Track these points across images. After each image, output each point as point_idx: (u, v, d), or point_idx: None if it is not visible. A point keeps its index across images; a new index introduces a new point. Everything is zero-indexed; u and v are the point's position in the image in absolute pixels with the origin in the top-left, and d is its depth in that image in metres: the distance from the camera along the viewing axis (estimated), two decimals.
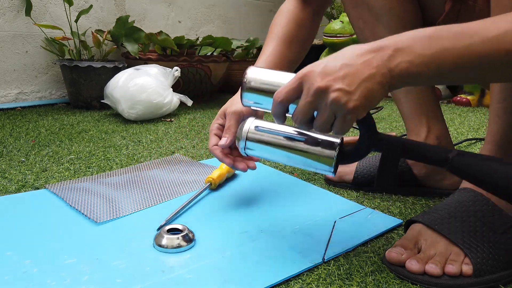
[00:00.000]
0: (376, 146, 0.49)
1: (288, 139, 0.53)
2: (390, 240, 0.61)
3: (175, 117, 1.50)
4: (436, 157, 0.46)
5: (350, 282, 0.50)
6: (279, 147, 0.53)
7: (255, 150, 0.55)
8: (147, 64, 1.56)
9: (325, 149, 0.51)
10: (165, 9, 2.05)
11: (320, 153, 0.51)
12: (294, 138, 0.52)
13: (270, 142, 0.54)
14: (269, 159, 0.55)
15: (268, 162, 0.98)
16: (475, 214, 0.53)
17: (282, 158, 0.54)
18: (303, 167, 0.53)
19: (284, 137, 0.53)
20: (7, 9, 1.56)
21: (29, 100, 1.67)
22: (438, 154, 0.46)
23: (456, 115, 1.67)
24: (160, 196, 0.74)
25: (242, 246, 0.57)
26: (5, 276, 0.48)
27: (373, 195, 0.78)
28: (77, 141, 1.12)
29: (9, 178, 0.82)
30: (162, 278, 0.49)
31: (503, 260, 0.50)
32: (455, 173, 0.46)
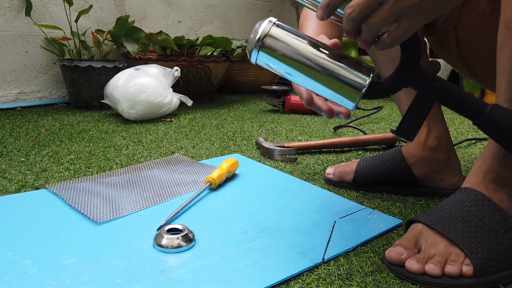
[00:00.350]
0: (415, 82, 0.44)
1: (318, 50, 0.44)
2: (390, 240, 0.61)
3: (175, 117, 1.50)
4: (475, 105, 0.44)
5: (350, 282, 0.50)
6: (304, 58, 0.44)
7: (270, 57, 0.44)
8: (147, 64, 1.56)
9: (359, 71, 0.44)
10: (165, 9, 2.05)
11: (353, 74, 0.44)
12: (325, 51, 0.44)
13: (294, 48, 0.44)
14: (282, 71, 0.46)
15: (268, 162, 0.98)
16: (476, 214, 0.53)
17: (302, 74, 0.45)
18: (324, 88, 0.45)
19: (313, 46, 0.44)
20: (7, 9, 1.56)
21: (29, 100, 1.67)
22: (477, 103, 0.44)
23: (456, 115, 1.67)
24: (160, 196, 0.74)
25: (242, 246, 0.57)
26: (5, 276, 0.48)
27: (373, 195, 0.78)
28: (77, 141, 1.12)
29: (9, 178, 0.82)
30: (162, 278, 0.49)
31: (503, 261, 0.50)
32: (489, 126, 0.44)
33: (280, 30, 0.44)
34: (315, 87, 0.46)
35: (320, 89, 0.46)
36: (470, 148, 1.16)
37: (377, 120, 1.54)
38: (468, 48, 0.69)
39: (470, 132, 1.34)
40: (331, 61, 0.44)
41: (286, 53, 0.44)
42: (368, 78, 0.44)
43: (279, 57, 0.44)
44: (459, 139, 1.22)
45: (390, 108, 1.84)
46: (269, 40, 0.44)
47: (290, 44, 0.44)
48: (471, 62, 0.71)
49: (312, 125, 1.43)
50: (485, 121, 0.44)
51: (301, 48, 0.44)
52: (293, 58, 0.44)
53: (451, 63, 0.77)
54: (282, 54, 0.44)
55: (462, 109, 0.44)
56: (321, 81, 0.45)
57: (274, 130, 1.34)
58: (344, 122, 1.48)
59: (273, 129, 1.34)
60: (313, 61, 0.44)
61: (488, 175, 0.55)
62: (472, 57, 0.70)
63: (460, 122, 1.52)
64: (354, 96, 0.44)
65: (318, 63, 0.44)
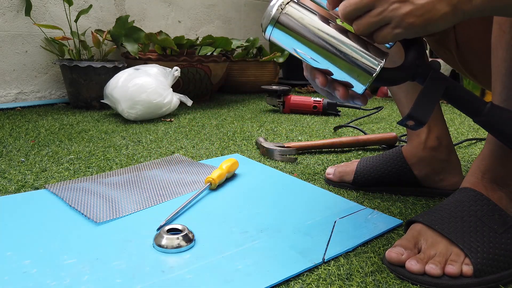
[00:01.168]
0: (423, 75, 0.45)
1: (334, 30, 0.44)
2: (390, 240, 0.61)
3: (175, 117, 1.50)
4: (474, 105, 0.45)
5: (350, 282, 0.50)
6: (318, 37, 0.44)
7: (285, 33, 0.44)
8: (147, 64, 1.56)
9: (373, 55, 0.44)
10: (165, 9, 2.05)
11: (366, 57, 0.44)
12: (342, 31, 0.44)
13: (309, 27, 0.44)
14: (295, 49, 0.45)
15: (268, 162, 0.98)
16: (475, 214, 0.53)
17: (314, 53, 0.44)
18: (335, 69, 0.45)
19: (330, 25, 0.44)
20: (7, 9, 1.56)
21: (28, 100, 1.67)
22: (476, 104, 0.44)
23: (457, 115, 1.67)
24: (160, 196, 0.74)
25: (242, 246, 0.56)
26: (5, 276, 0.48)
27: (373, 196, 0.78)
28: (76, 141, 1.12)
29: (8, 178, 0.82)
30: (162, 278, 0.49)
31: (503, 260, 0.50)
32: (487, 125, 0.45)
33: (296, 7, 0.44)
34: (327, 66, 0.46)
35: (331, 69, 0.46)
36: (470, 148, 1.16)
37: (377, 120, 1.54)
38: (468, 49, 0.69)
39: (470, 132, 1.34)
40: (346, 42, 0.44)
41: (301, 31, 0.44)
42: (381, 62, 0.44)
43: (293, 35, 0.44)
44: (459, 139, 1.23)
45: (390, 108, 1.84)
46: (284, 17, 0.44)
47: (305, 21, 0.44)
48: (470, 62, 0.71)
49: (312, 125, 1.43)
50: (485, 120, 0.44)
51: (316, 26, 0.44)
52: (307, 37, 0.44)
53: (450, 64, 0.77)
54: (296, 32, 0.44)
55: (464, 106, 0.45)
56: (333, 61, 0.45)
57: (274, 130, 1.34)
58: (344, 122, 1.48)
59: (273, 129, 1.34)
60: (327, 41, 0.44)
61: (487, 174, 0.55)
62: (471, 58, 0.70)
63: (460, 122, 1.52)
64: (365, 80, 0.45)
65: (332, 43, 0.44)
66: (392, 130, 1.37)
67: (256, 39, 2.10)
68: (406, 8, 0.40)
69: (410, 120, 0.44)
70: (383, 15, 0.41)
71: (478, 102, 0.45)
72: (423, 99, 0.44)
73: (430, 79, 0.45)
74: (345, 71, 0.45)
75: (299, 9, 0.45)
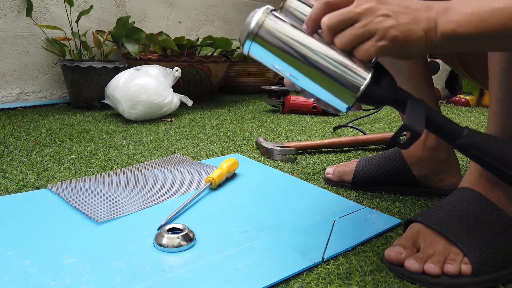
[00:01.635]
0: (402, 98, 0.45)
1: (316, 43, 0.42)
2: (389, 240, 0.61)
3: (176, 117, 1.50)
4: (453, 128, 0.44)
5: (350, 281, 0.50)
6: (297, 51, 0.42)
7: (263, 48, 0.42)
8: (147, 64, 1.56)
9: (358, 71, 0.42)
10: (166, 10, 2.06)
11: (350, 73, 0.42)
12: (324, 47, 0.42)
13: (289, 41, 0.42)
14: (274, 64, 0.43)
15: (268, 162, 0.98)
16: (474, 214, 0.53)
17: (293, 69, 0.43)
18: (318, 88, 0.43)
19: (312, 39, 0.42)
20: (8, 10, 1.56)
21: (30, 100, 1.68)
22: (453, 128, 0.44)
23: (455, 115, 1.68)
24: (161, 196, 0.74)
25: (242, 245, 0.57)
26: (5, 276, 0.48)
27: (372, 195, 0.78)
28: (78, 141, 1.12)
29: (10, 178, 0.82)
30: (162, 277, 0.49)
31: (502, 260, 0.50)
32: (464, 151, 0.45)
33: (275, 20, 0.42)
34: (309, 87, 0.44)
35: (313, 89, 0.44)
36: None
37: (376, 120, 1.54)
38: None
39: None
40: (329, 55, 0.43)
41: (279, 45, 0.42)
42: (366, 79, 0.43)
43: (272, 49, 0.42)
44: None
45: (389, 108, 1.84)
46: (263, 31, 0.42)
47: (284, 35, 0.42)
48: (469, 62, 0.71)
49: (312, 125, 1.43)
50: (462, 145, 0.44)
51: (295, 40, 0.42)
52: (286, 51, 0.42)
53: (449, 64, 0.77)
54: (274, 46, 0.42)
55: (443, 130, 0.45)
56: (314, 78, 0.43)
57: (274, 130, 1.34)
58: (343, 122, 1.48)
59: (273, 129, 1.35)
60: (306, 56, 0.42)
61: (485, 174, 0.55)
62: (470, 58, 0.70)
63: (459, 122, 1.52)
64: (349, 98, 0.43)
65: (312, 58, 0.42)
66: (391, 130, 1.37)
67: None
68: (391, 22, 0.41)
69: (406, 131, 0.42)
70: (368, 27, 0.41)
71: (456, 125, 0.45)
72: (412, 113, 0.43)
73: (411, 99, 0.45)
74: (327, 88, 0.43)
75: (279, 22, 0.43)
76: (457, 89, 2.11)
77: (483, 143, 0.44)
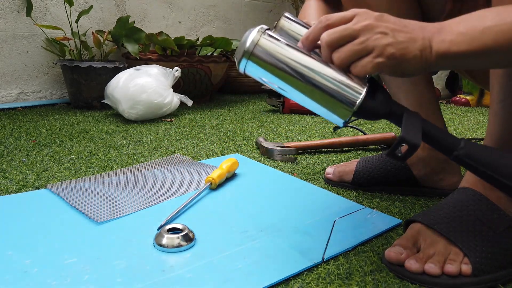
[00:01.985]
0: (398, 111, 0.45)
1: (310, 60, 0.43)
2: (390, 240, 0.61)
3: (176, 117, 1.50)
4: (450, 140, 0.45)
5: (350, 281, 0.50)
6: (292, 69, 0.43)
7: (259, 66, 0.43)
8: (147, 64, 1.56)
9: (353, 87, 0.43)
10: (166, 10, 2.06)
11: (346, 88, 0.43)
12: (319, 65, 0.43)
13: (283, 59, 0.43)
14: (269, 82, 0.44)
15: (268, 162, 0.98)
16: (475, 214, 0.53)
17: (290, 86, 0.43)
18: (315, 104, 0.44)
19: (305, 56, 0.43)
20: (8, 10, 1.56)
21: (29, 100, 1.67)
22: (450, 141, 0.45)
23: (455, 115, 1.68)
24: (160, 196, 0.74)
25: (242, 245, 0.57)
26: (6, 276, 0.48)
27: (372, 195, 0.78)
28: (77, 141, 1.12)
29: (10, 178, 0.82)
30: (162, 277, 0.49)
31: (502, 260, 0.50)
32: (461, 163, 0.45)
33: (270, 39, 0.43)
34: (306, 103, 0.45)
35: (310, 104, 0.45)
36: None
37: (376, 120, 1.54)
38: None
39: (469, 132, 1.35)
40: (324, 71, 0.43)
41: (274, 63, 0.43)
42: (361, 94, 0.43)
43: (267, 67, 0.43)
44: None
45: None
46: (258, 50, 0.43)
47: (279, 53, 0.43)
48: None
49: (312, 125, 1.43)
50: (459, 157, 0.45)
51: (290, 58, 0.43)
52: (282, 69, 0.43)
53: None
54: (270, 64, 0.43)
55: (440, 142, 0.45)
56: (310, 95, 0.43)
57: (274, 130, 1.34)
58: None
59: (273, 129, 1.35)
60: (302, 73, 0.43)
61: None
62: None
63: (459, 122, 1.52)
64: (345, 113, 0.44)
65: (308, 75, 0.43)
66: (391, 130, 1.37)
67: None
68: (388, 39, 0.42)
69: (404, 143, 0.43)
70: (366, 43, 0.42)
71: (453, 137, 0.46)
72: (409, 125, 0.43)
73: (407, 112, 0.45)
74: (323, 104, 0.44)
75: (273, 41, 0.43)
76: (457, 89, 2.11)
77: (480, 154, 0.44)
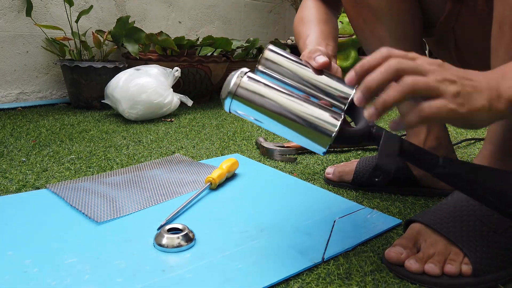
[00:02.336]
0: (377, 133, 0.47)
1: (288, 98, 0.47)
2: (390, 240, 0.61)
3: (176, 117, 1.50)
4: (429, 158, 0.46)
5: (350, 281, 0.50)
6: (272, 107, 0.46)
7: (242, 105, 0.47)
8: (147, 64, 1.56)
9: (329, 120, 0.46)
10: (166, 10, 2.06)
11: (322, 123, 0.46)
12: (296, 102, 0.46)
13: (263, 98, 0.46)
14: (254, 119, 0.48)
15: (268, 162, 0.98)
16: (475, 214, 0.53)
17: (272, 122, 0.47)
18: (297, 136, 0.47)
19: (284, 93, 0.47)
20: (8, 10, 1.56)
21: (29, 100, 1.67)
22: (429, 159, 0.46)
23: None
24: (160, 196, 0.74)
25: (242, 245, 0.57)
26: (6, 276, 0.48)
27: (372, 195, 0.78)
28: (77, 141, 1.12)
29: (10, 178, 0.82)
30: (162, 277, 0.49)
31: (502, 260, 0.50)
32: (443, 179, 0.46)
33: (251, 81, 0.47)
34: (285, 133, 0.48)
35: (290, 134, 0.47)
36: (469, 148, 1.16)
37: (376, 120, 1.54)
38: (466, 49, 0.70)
39: (469, 132, 1.35)
40: (300, 109, 0.46)
41: (256, 102, 0.47)
42: (336, 126, 0.46)
43: (251, 106, 0.47)
44: (458, 139, 1.23)
45: None
46: (240, 90, 0.47)
47: (259, 94, 0.47)
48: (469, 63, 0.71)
49: None
50: (440, 175, 0.46)
51: (270, 97, 0.47)
52: (263, 106, 0.47)
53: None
54: (252, 103, 0.47)
55: (420, 160, 0.47)
56: (292, 129, 0.47)
57: None
58: None
59: None
60: (279, 111, 0.46)
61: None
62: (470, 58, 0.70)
63: None
64: (324, 143, 0.46)
65: (285, 113, 0.46)
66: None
67: (256, 40, 2.10)
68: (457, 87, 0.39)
69: (378, 171, 0.45)
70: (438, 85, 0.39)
71: (432, 155, 0.46)
72: (384, 151, 0.45)
73: (386, 133, 0.47)
74: (304, 136, 0.47)
75: (255, 83, 0.47)
76: None
77: (459, 172, 0.46)
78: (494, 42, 0.52)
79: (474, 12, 0.62)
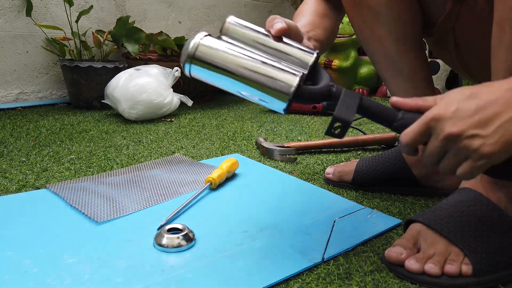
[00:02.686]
0: (337, 93, 0.48)
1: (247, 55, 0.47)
2: (390, 240, 0.61)
3: (176, 117, 1.50)
4: (388, 113, 0.47)
5: (350, 281, 0.50)
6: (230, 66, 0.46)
7: (201, 68, 0.48)
8: (147, 64, 1.56)
9: (287, 78, 0.46)
10: (166, 10, 2.06)
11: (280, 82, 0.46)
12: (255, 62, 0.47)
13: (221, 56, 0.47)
14: (216, 83, 0.49)
15: (268, 162, 0.98)
16: (475, 214, 0.53)
17: (230, 82, 0.47)
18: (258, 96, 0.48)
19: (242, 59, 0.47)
20: (8, 10, 1.56)
21: (29, 100, 1.67)
22: (389, 113, 0.47)
23: None
24: (160, 196, 0.74)
25: (242, 245, 0.57)
26: (6, 276, 0.48)
27: (372, 195, 0.78)
28: (77, 141, 1.12)
29: (10, 178, 0.82)
30: (162, 277, 0.49)
31: (502, 260, 0.50)
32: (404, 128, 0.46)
33: (211, 42, 0.47)
34: (247, 91, 0.48)
35: (252, 93, 0.48)
36: None
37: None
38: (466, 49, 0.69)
39: None
40: (260, 70, 0.47)
41: (215, 63, 0.47)
42: (295, 80, 0.46)
43: (210, 68, 0.47)
44: None
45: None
46: (199, 52, 0.47)
47: (219, 53, 0.47)
48: (469, 63, 0.71)
49: (312, 125, 1.43)
50: (398, 128, 0.47)
51: (230, 57, 0.47)
52: (221, 66, 0.47)
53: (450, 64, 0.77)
54: (211, 65, 0.47)
55: (379, 116, 0.48)
56: (251, 88, 0.47)
57: (274, 130, 1.34)
58: None
59: (273, 129, 1.35)
60: (241, 70, 0.47)
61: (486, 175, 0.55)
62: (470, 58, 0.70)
63: None
64: (284, 100, 0.47)
65: (246, 72, 0.47)
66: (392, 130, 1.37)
67: None
68: (480, 141, 0.39)
69: (336, 121, 0.46)
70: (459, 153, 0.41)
71: (391, 110, 0.47)
72: (343, 104, 0.46)
73: (346, 91, 0.48)
74: (265, 92, 0.47)
75: (213, 43, 0.47)
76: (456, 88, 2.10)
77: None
78: (494, 42, 0.52)
79: (475, 11, 0.62)
